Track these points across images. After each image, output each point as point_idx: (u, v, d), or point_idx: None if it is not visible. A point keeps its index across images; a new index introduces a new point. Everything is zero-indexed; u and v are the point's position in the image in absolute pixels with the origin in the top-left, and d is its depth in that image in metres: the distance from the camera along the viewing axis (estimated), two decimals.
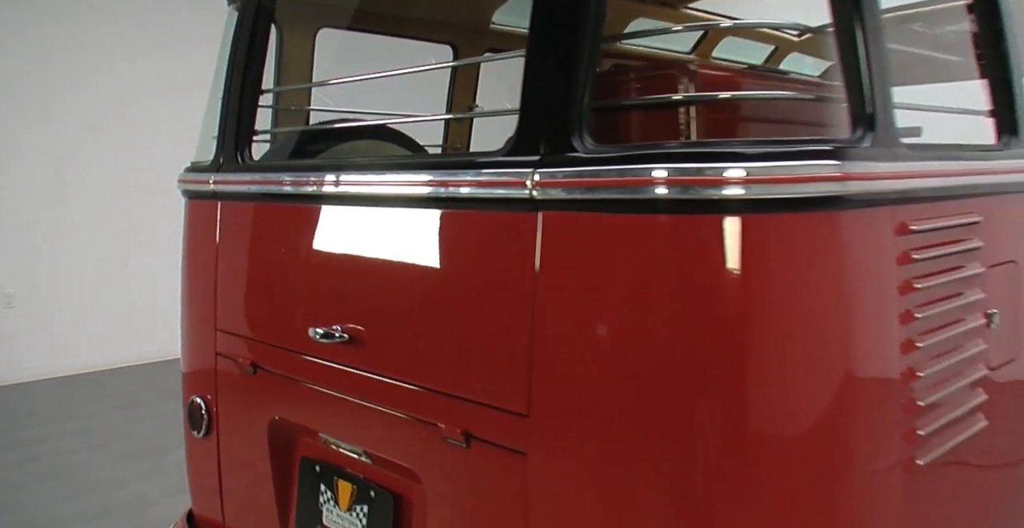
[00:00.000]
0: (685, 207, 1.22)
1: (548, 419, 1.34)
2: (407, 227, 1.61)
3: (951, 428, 1.45)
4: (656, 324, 1.24)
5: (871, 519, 1.33)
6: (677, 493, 1.24)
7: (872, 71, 1.29)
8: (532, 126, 1.34)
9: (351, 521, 1.79)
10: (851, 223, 1.28)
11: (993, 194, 1.63)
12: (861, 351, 1.30)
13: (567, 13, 1.31)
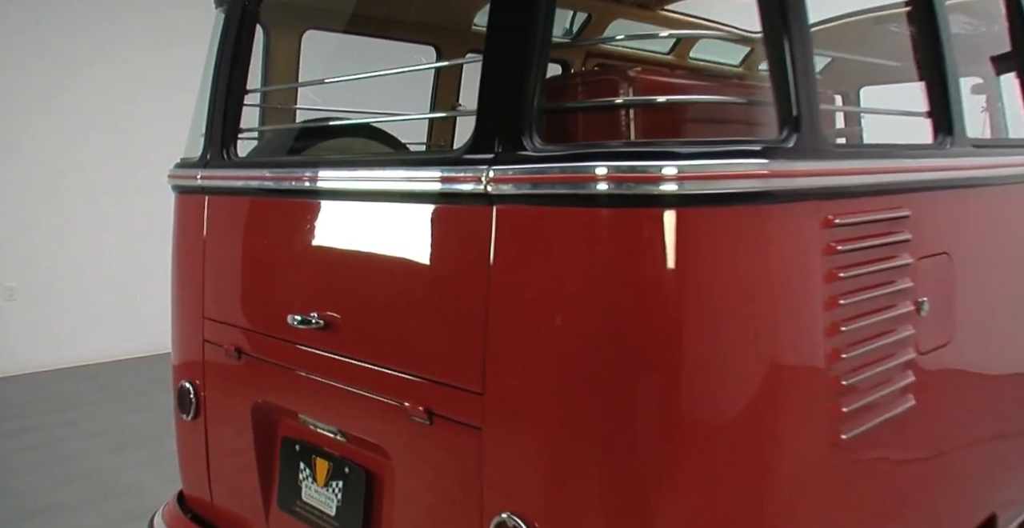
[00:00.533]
0: (624, 201, 1.33)
1: (500, 397, 1.45)
2: (377, 220, 1.72)
3: (876, 406, 1.57)
4: (596, 310, 1.35)
5: (798, 488, 1.45)
6: (615, 464, 1.36)
7: (798, 77, 1.40)
8: (487, 127, 1.46)
9: (327, 496, 1.91)
10: (776, 216, 1.39)
11: (924, 190, 1.74)
12: (787, 334, 1.41)
13: (518, 27, 1.41)
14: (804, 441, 1.44)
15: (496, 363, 1.45)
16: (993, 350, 2.05)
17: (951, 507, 1.93)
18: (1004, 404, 2.12)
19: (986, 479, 2.07)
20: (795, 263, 1.42)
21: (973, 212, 1.95)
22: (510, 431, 1.45)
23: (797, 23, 1.42)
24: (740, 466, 1.37)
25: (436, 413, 1.56)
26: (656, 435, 1.34)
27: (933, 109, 1.85)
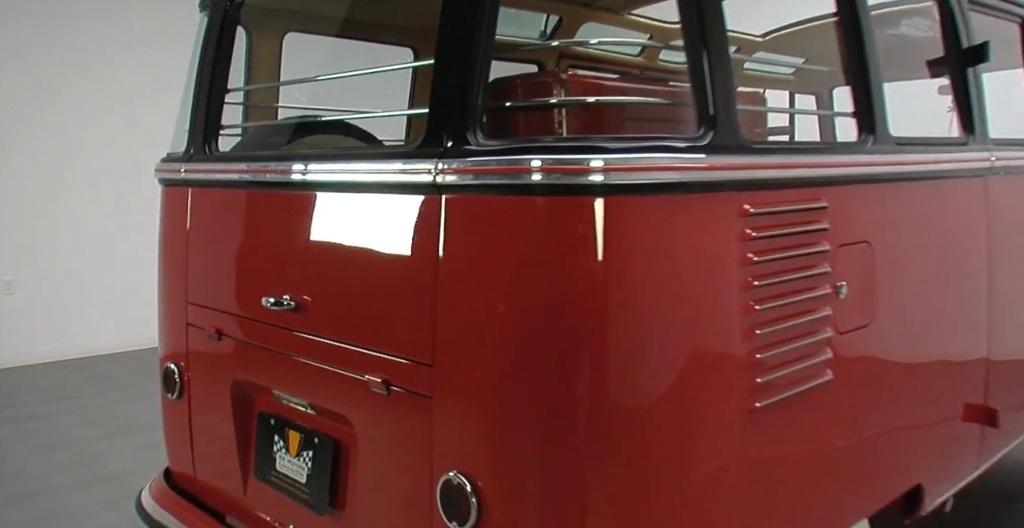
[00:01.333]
0: (556, 191, 1.49)
1: (448, 369, 1.61)
2: (341, 210, 1.88)
3: (791, 379, 1.72)
4: (531, 289, 1.51)
5: (715, 449, 1.61)
6: (549, 428, 1.51)
7: (714, 80, 1.56)
8: (437, 123, 1.61)
9: (299, 465, 2.06)
10: (694, 205, 1.55)
11: (843, 184, 1.90)
12: (704, 311, 1.57)
13: (462, 35, 1.57)
14: (720, 408, 1.60)
15: (444, 338, 1.60)
16: (917, 333, 2.20)
17: (873, 474, 2.09)
18: (927, 383, 2.27)
19: (911, 452, 2.22)
20: (712, 247, 1.58)
21: (895, 205, 2.10)
22: (456, 399, 1.61)
23: (714, 31, 1.57)
24: (663, 430, 1.53)
25: (393, 384, 1.72)
26: (585, 403, 1.49)
27: (857, 109, 2.00)
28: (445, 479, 1.59)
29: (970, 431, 2.51)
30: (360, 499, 1.89)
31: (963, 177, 2.41)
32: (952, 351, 2.40)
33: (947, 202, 2.36)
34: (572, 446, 1.50)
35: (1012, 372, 2.73)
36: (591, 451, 1.50)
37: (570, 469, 1.50)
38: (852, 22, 1.99)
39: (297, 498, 2.05)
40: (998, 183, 2.53)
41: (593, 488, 1.51)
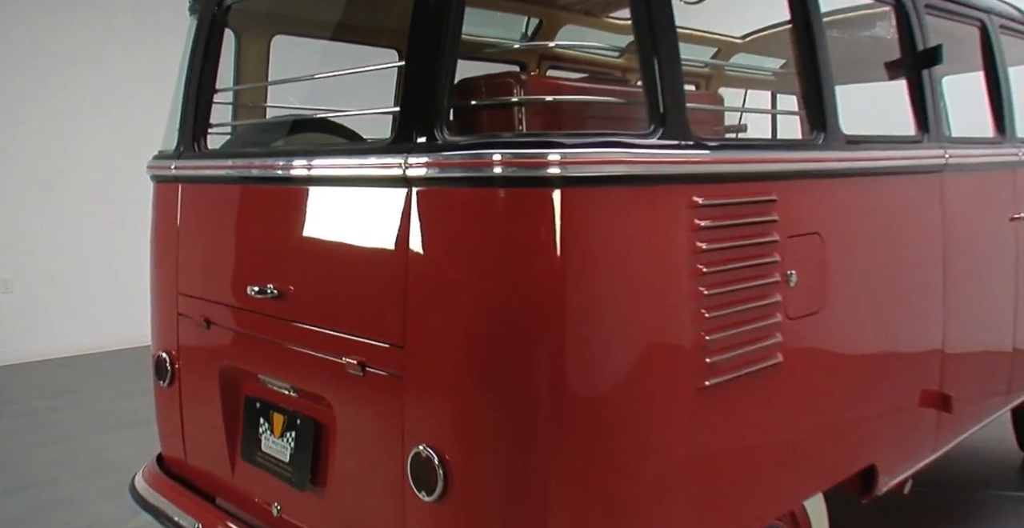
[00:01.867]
0: (516, 183, 1.60)
1: (417, 350, 1.72)
2: (320, 202, 2.00)
3: (740, 360, 1.84)
4: (492, 274, 1.62)
5: (666, 423, 1.72)
6: (509, 405, 1.63)
7: (663, 81, 1.68)
8: (407, 121, 1.73)
9: (282, 446, 2.18)
10: (644, 196, 1.67)
11: (793, 178, 2.01)
12: (655, 294, 1.68)
13: (428, 41, 1.69)
14: (671, 385, 1.71)
15: (413, 322, 1.72)
16: (869, 321, 2.31)
17: (826, 452, 2.20)
18: (880, 368, 2.38)
19: (863, 433, 2.33)
20: (662, 236, 1.69)
21: (847, 199, 2.21)
22: (424, 379, 1.72)
23: (664, 37, 1.69)
24: (618, 405, 1.65)
25: (368, 366, 1.84)
26: (544, 380, 1.61)
27: (808, 109, 2.12)
28: (415, 452, 1.71)
29: (926, 416, 2.63)
30: (339, 475, 2.00)
31: (918, 173, 2.53)
32: (906, 339, 2.52)
33: (902, 197, 2.48)
34: (531, 421, 1.62)
35: (968, 361, 2.84)
36: (550, 426, 1.62)
37: (529, 441, 1.62)
38: (804, 28, 2.11)
39: (281, 476, 2.16)
40: (953, 179, 2.64)
41: (551, 460, 1.62)
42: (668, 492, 1.76)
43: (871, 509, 3.60)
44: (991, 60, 3.04)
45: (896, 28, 2.57)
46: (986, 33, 3.03)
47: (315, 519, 2.09)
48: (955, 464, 4.24)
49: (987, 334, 2.99)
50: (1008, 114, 3.07)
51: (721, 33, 4.18)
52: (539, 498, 1.63)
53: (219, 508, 2.45)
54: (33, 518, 3.74)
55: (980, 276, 2.89)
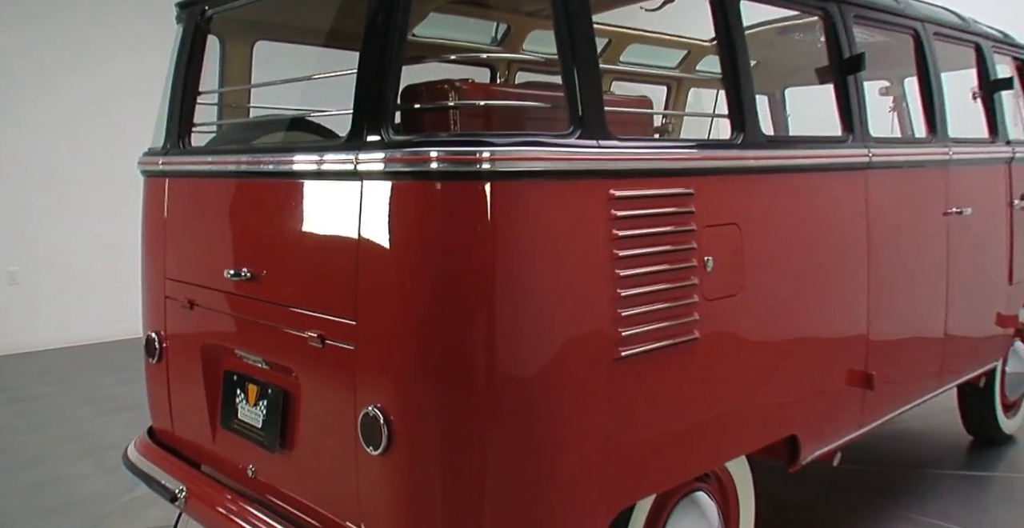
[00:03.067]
0: (451, 176, 1.84)
1: (367, 325, 1.96)
2: (287, 193, 2.23)
3: (655, 334, 2.07)
4: (430, 257, 1.86)
5: (584, 389, 1.95)
6: (446, 373, 1.86)
7: (582, 87, 1.92)
8: (359, 122, 1.96)
9: (256, 413, 2.42)
10: (565, 189, 1.90)
11: (710, 174, 2.24)
12: (573, 275, 1.92)
13: (376, 53, 1.93)
14: (589, 354, 1.95)
15: (363, 299, 1.96)
16: (789, 304, 2.53)
17: (745, 420, 2.41)
18: (800, 347, 2.61)
19: (783, 405, 2.55)
20: (581, 223, 1.93)
21: (767, 193, 2.44)
22: (372, 349, 1.96)
23: (582, 48, 1.93)
24: (540, 369, 1.88)
25: (326, 338, 2.07)
26: (474, 350, 1.84)
27: (730, 111, 2.36)
28: (364, 413, 1.95)
29: (850, 393, 2.86)
30: (304, 437, 2.24)
31: (842, 170, 2.75)
32: (828, 323, 2.74)
33: (826, 192, 2.70)
34: (462, 385, 1.86)
35: (893, 345, 3.07)
36: (478, 389, 1.86)
37: (460, 402, 1.86)
38: (727, 41, 2.34)
39: (254, 441, 2.41)
40: (878, 176, 2.87)
41: (479, 419, 1.86)
42: (588, 448, 1.99)
43: (813, 484, 3.86)
44: (924, 65, 3.26)
45: (824, 36, 2.80)
46: (919, 40, 3.25)
47: (285, 478, 2.33)
48: (904, 446, 4.49)
49: (915, 320, 3.21)
50: (939, 116, 3.29)
51: (690, 37, 4.42)
52: (468, 452, 1.87)
53: (203, 473, 2.69)
54: (36, 492, 4.00)
55: (907, 267, 3.12)
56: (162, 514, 3.56)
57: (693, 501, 2.41)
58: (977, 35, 3.74)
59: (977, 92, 3.75)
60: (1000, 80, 3.75)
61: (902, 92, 4.68)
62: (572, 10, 1.95)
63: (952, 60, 3.83)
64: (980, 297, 3.66)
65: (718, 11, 2.35)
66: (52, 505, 3.84)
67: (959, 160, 3.35)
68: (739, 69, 2.35)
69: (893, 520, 3.51)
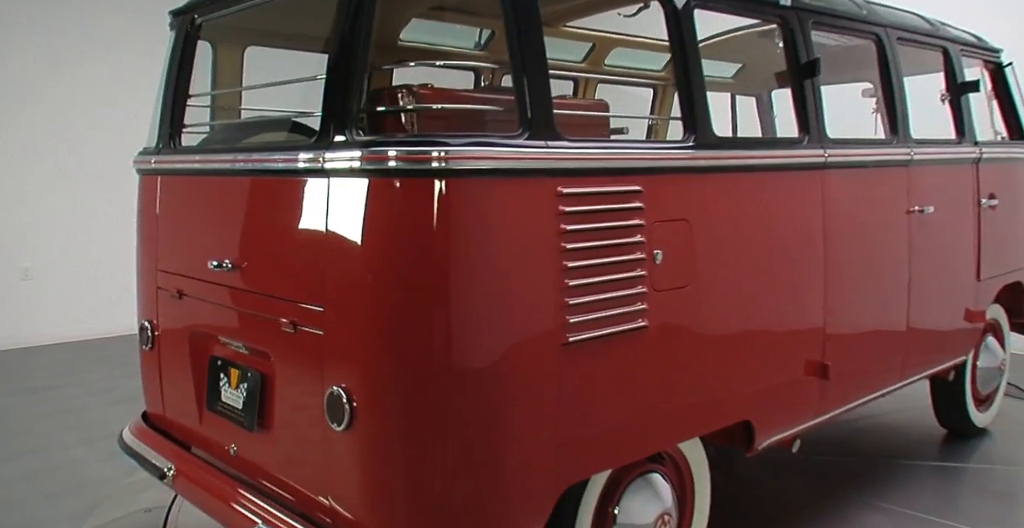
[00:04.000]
0: (408, 174, 2.00)
1: (332, 311, 2.12)
2: (264, 190, 2.40)
3: (602, 322, 2.22)
4: (389, 248, 2.02)
5: (534, 371, 2.10)
6: (403, 356, 2.02)
7: (531, 92, 2.07)
8: (327, 124, 2.13)
9: (237, 395, 2.58)
10: (513, 186, 2.05)
11: (660, 173, 2.39)
12: (523, 265, 2.07)
13: (341, 62, 2.09)
14: (537, 337, 2.10)
15: (330, 288, 2.12)
16: (743, 296, 2.66)
17: (697, 405, 2.54)
18: (753, 337, 2.74)
19: (736, 392, 2.68)
20: (529, 217, 2.08)
21: (718, 191, 2.57)
22: (338, 333, 2.12)
23: (532, 55, 2.09)
24: (492, 354, 2.03)
25: (297, 324, 2.24)
26: (429, 334, 2.00)
27: (683, 114, 2.50)
28: (330, 392, 2.11)
29: (807, 382, 2.99)
30: (279, 415, 2.41)
31: (797, 170, 2.89)
32: (784, 315, 2.87)
33: (780, 191, 2.84)
34: (417, 366, 2.01)
35: (852, 338, 3.20)
36: (432, 370, 2.01)
37: (415, 383, 2.02)
38: (679, 46, 2.49)
39: (235, 421, 2.57)
40: (834, 176, 3.01)
41: (433, 398, 2.02)
42: (537, 424, 2.14)
43: (783, 472, 4.00)
44: (886, 69, 3.39)
45: (782, 42, 2.94)
46: (881, 45, 3.38)
47: (262, 455, 2.50)
48: (880, 438, 4.61)
49: (875, 314, 3.34)
50: (902, 118, 3.42)
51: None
52: (424, 428, 2.03)
53: (191, 454, 2.86)
54: (41, 475, 4.19)
55: (867, 263, 3.25)
56: (158, 496, 3.73)
57: (647, 481, 2.56)
58: (944, 39, 3.86)
59: (945, 95, 3.87)
60: (967, 83, 3.87)
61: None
62: (522, 21, 2.10)
63: (924, 64, 3.96)
64: (946, 293, 3.78)
65: (671, 19, 2.50)
66: (55, 489, 4.03)
67: (921, 160, 3.48)
68: (691, 74, 2.49)
69: (859, 507, 3.63)
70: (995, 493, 3.87)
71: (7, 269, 7.26)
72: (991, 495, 3.84)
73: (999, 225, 4.07)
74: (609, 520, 2.47)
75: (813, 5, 3.02)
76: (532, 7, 2.12)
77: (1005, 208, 4.12)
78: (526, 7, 2.11)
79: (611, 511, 2.48)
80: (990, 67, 4.43)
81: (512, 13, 2.10)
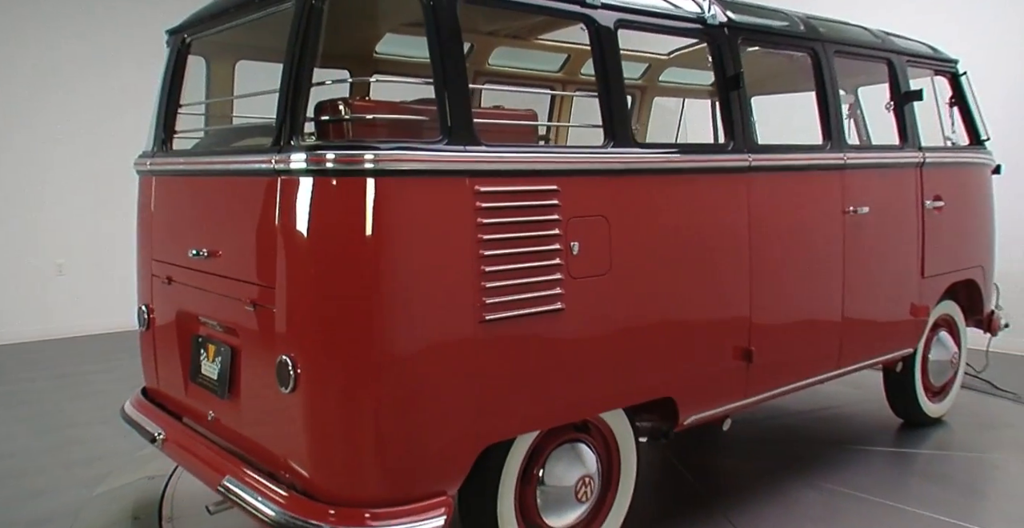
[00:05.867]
0: (343, 173, 2.34)
1: (281, 289, 2.47)
2: (231, 187, 2.77)
3: (518, 303, 2.54)
4: (325, 238, 2.37)
5: (454, 343, 2.43)
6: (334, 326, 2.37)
7: (450, 103, 2.41)
8: (278, 131, 2.48)
9: (213, 367, 2.95)
10: (435, 184, 2.39)
11: (576, 174, 2.70)
12: (445, 254, 2.40)
13: (291, 77, 2.44)
14: (455, 315, 2.42)
15: (279, 270, 2.47)
16: (661, 284, 2.95)
17: (617, 380, 2.85)
18: (673, 321, 3.04)
19: (656, 371, 2.98)
20: (449, 212, 2.41)
21: (638, 191, 2.88)
22: (285, 309, 2.47)
23: (452, 70, 2.42)
24: (416, 329, 2.37)
25: (257, 303, 2.59)
26: (359, 309, 2.34)
27: (603, 121, 2.82)
28: (279, 360, 2.46)
29: (733, 367, 3.28)
30: (245, 383, 2.76)
31: (720, 173, 3.19)
32: (705, 304, 3.15)
33: (704, 191, 3.14)
34: (349, 338, 2.36)
35: (780, 328, 3.48)
36: (363, 341, 2.36)
37: (347, 352, 2.36)
38: (600, 61, 2.81)
39: (212, 390, 2.94)
40: (760, 179, 3.30)
41: (364, 365, 2.36)
42: (456, 390, 2.46)
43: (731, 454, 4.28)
44: (821, 80, 3.67)
45: (710, 58, 3.24)
46: (816, 58, 3.67)
47: (233, 418, 2.86)
48: (838, 425, 4.88)
49: (805, 306, 3.61)
50: (835, 125, 3.69)
51: (651, 51, 4.88)
52: (355, 391, 2.37)
53: (181, 423, 3.23)
54: (64, 449, 4.63)
55: (797, 259, 3.53)
56: (162, 467, 4.12)
57: (572, 448, 2.89)
58: (889, 51, 4.13)
59: (889, 103, 4.14)
60: (910, 92, 4.13)
61: (856, 100, 5.06)
62: (444, 43, 2.44)
63: (873, 74, 4.24)
64: (886, 287, 4.04)
65: (594, 38, 2.82)
66: (73, 460, 4.45)
67: (856, 164, 3.75)
68: (611, 86, 2.81)
69: (798, 486, 3.89)
70: (943, 477, 4.08)
71: (43, 266, 7.77)
72: (939, 479, 4.06)
73: (945, 225, 4.32)
74: (534, 480, 2.80)
75: (742, 23, 3.31)
76: (454, 29, 2.45)
77: (953, 210, 4.37)
78: (448, 29, 2.45)
79: (536, 472, 2.80)
80: (948, 77, 4.68)
81: (435, 36, 2.43)
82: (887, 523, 3.53)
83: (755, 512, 3.59)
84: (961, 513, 3.62)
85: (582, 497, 2.87)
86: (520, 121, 2.94)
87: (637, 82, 5.19)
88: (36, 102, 7.62)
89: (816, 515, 3.60)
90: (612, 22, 2.86)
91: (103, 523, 3.62)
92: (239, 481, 2.63)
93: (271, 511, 2.47)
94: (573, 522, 2.91)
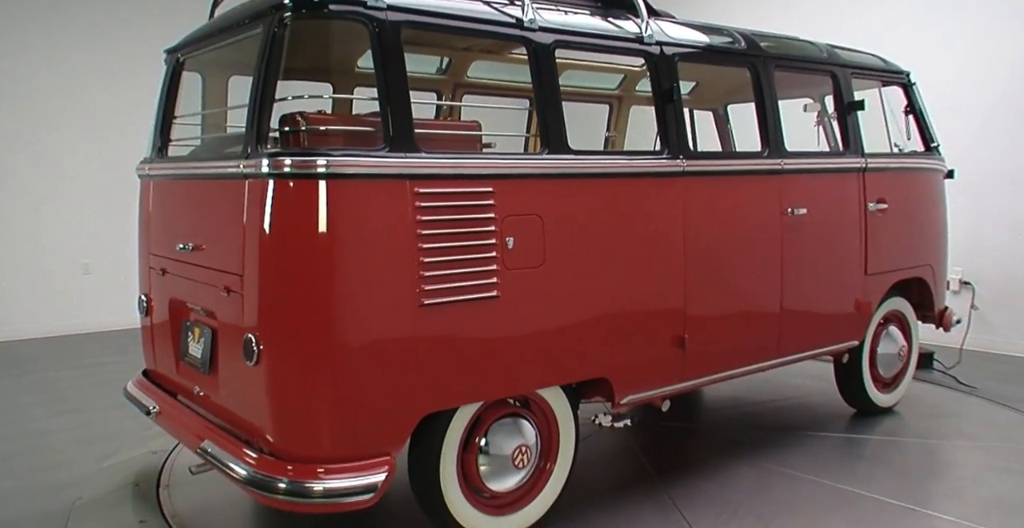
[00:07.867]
0: (298, 176, 2.72)
1: (247, 277, 2.86)
2: (210, 189, 3.17)
3: (454, 290, 2.90)
4: (283, 233, 2.75)
5: (396, 324, 2.80)
6: (290, 308, 2.75)
7: (392, 115, 2.78)
8: (248, 140, 2.87)
9: (198, 347, 3.35)
10: (379, 187, 2.76)
11: (512, 178, 3.06)
12: (387, 247, 2.78)
13: (257, 92, 2.83)
14: (397, 300, 2.79)
15: (246, 260, 2.85)
16: (594, 275, 3.30)
17: (551, 360, 3.19)
18: (606, 309, 3.38)
19: (592, 353, 3.32)
20: (391, 211, 2.78)
21: (572, 192, 3.22)
22: (251, 294, 2.86)
23: (394, 85, 2.79)
24: (362, 311, 2.74)
25: (229, 289, 2.98)
26: (312, 293, 2.72)
27: (540, 132, 3.19)
28: (246, 337, 2.84)
29: (668, 353, 3.62)
30: (223, 361, 3.15)
31: (655, 177, 3.53)
32: (637, 295, 3.47)
33: (638, 193, 3.48)
34: (302, 320, 2.74)
35: (715, 319, 3.80)
36: (310, 320, 2.74)
37: (301, 332, 2.75)
38: (538, 78, 3.17)
39: (197, 368, 3.34)
40: (695, 182, 3.63)
41: (315, 343, 2.74)
42: (397, 364, 2.82)
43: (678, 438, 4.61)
44: (759, 92, 4.00)
45: (648, 73, 3.59)
46: (755, 72, 4.00)
47: (215, 392, 3.25)
48: (792, 413, 5.18)
49: (741, 299, 3.94)
50: (774, 133, 4.02)
51: (626, 64, 5.22)
52: (306, 364, 2.75)
53: (175, 399, 3.63)
54: (80, 428, 5.09)
55: (732, 256, 3.85)
56: (165, 444, 4.54)
57: (513, 420, 3.25)
58: (832, 64, 4.45)
59: (833, 113, 4.46)
60: (853, 102, 4.44)
61: (823, 108, 5.37)
62: (386, 63, 2.81)
63: (819, 86, 4.55)
64: (828, 284, 4.35)
65: (532, 58, 3.18)
66: (87, 438, 4.90)
67: (793, 169, 4.08)
68: (548, 100, 3.17)
69: (740, 467, 4.20)
70: (887, 461, 4.35)
71: (70, 265, 8.26)
72: (884, 462, 4.33)
73: (890, 226, 4.62)
74: (475, 447, 3.16)
75: (677, 41, 3.66)
76: (397, 52, 2.83)
77: (899, 212, 4.67)
78: (391, 52, 2.82)
79: (477, 441, 3.17)
80: (901, 87, 4.98)
81: (379, 58, 2.81)
82: (813, 497, 3.83)
83: (693, 486, 3.92)
84: (897, 492, 3.87)
85: (519, 464, 3.22)
86: (460, 132, 3.30)
87: (614, 92, 5.54)
88: (61, 112, 8.13)
89: (746, 488, 3.92)
90: (550, 42, 3.22)
91: (109, 488, 4.05)
92: (215, 445, 3.02)
93: (242, 469, 2.86)
94: (513, 487, 3.27)
